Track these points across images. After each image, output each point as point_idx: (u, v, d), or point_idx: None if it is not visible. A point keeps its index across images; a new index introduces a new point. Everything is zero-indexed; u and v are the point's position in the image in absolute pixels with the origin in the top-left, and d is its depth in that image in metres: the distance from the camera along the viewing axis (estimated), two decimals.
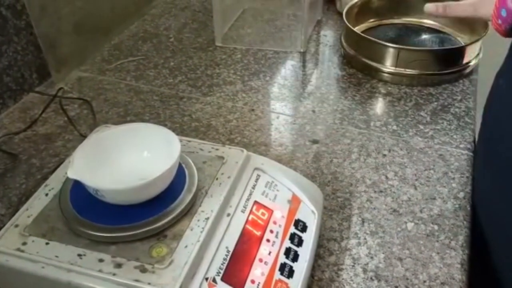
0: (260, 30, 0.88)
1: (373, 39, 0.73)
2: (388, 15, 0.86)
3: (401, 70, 0.72)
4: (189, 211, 0.41)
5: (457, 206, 0.54)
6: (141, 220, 0.39)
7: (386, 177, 0.58)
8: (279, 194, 0.47)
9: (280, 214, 0.45)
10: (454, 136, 0.64)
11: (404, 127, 0.65)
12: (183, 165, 0.44)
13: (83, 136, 0.63)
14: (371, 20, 0.86)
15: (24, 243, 0.39)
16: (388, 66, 0.72)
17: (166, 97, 0.72)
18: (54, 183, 0.45)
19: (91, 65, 0.78)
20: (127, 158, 0.43)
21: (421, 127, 0.65)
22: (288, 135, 0.64)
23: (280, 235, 0.44)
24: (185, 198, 0.41)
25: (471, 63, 0.74)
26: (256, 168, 0.48)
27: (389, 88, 0.73)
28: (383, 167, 0.59)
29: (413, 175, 0.58)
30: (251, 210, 0.44)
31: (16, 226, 0.41)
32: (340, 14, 0.87)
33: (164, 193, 0.41)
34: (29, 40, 0.69)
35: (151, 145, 0.44)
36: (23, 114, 0.68)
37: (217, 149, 0.48)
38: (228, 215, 0.42)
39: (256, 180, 0.47)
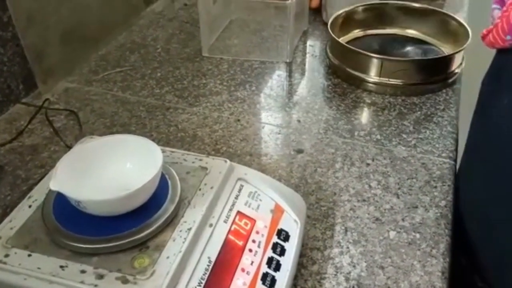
0: (247, 41, 0.89)
1: (357, 49, 0.74)
2: (373, 25, 0.87)
3: (385, 80, 0.73)
4: (171, 221, 0.42)
5: (438, 214, 0.55)
6: (124, 231, 0.39)
7: (370, 186, 0.59)
8: (262, 204, 0.47)
9: (262, 224, 0.46)
10: (437, 145, 0.65)
11: (388, 136, 0.66)
12: (166, 176, 0.45)
13: (69, 147, 0.63)
14: (356, 30, 0.87)
15: (7, 255, 0.39)
16: (372, 76, 0.74)
17: (152, 107, 0.72)
18: (37, 194, 0.45)
19: (78, 76, 0.79)
20: (110, 169, 0.44)
21: (404, 136, 0.66)
22: (273, 145, 0.65)
23: (262, 245, 0.44)
24: (167, 208, 0.42)
25: (454, 73, 0.76)
26: (239, 178, 0.48)
27: (374, 98, 0.74)
28: (367, 176, 0.60)
29: (396, 184, 0.59)
30: (233, 220, 0.44)
31: None
32: (326, 24, 0.87)
33: (147, 203, 0.42)
34: (16, 51, 0.69)
35: (134, 157, 0.44)
36: (9, 125, 0.68)
37: (200, 160, 0.49)
38: (211, 225, 0.43)
39: (239, 190, 0.47)
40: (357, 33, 0.87)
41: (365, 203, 0.56)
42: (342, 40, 0.82)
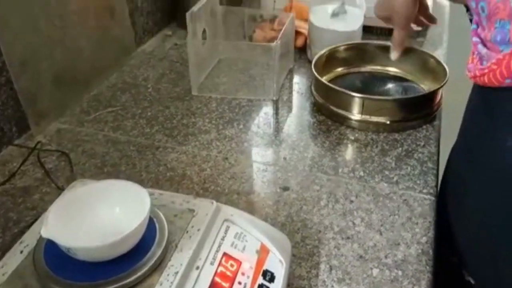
0: (235, 79, 0.92)
1: (339, 89, 0.77)
2: (355, 63, 0.91)
3: (367, 117, 0.76)
4: (159, 265, 0.43)
5: (420, 251, 0.56)
6: (112, 276, 0.41)
7: (353, 223, 0.60)
8: (248, 245, 0.49)
9: (248, 265, 0.47)
10: (418, 181, 0.67)
11: (371, 173, 0.69)
12: (154, 219, 0.46)
13: (60, 189, 0.64)
14: (339, 68, 0.90)
15: None
16: (355, 114, 0.76)
17: (142, 147, 0.74)
18: (29, 239, 0.46)
19: (70, 117, 0.81)
20: (99, 214, 0.45)
21: (387, 172, 0.69)
22: (260, 183, 0.67)
23: (248, 286, 0.45)
24: (155, 252, 0.43)
25: (434, 110, 0.78)
26: (225, 220, 0.50)
27: (357, 135, 0.76)
28: (350, 213, 0.62)
29: (378, 221, 0.61)
30: (220, 262, 0.46)
31: None
32: (311, 62, 0.91)
33: (135, 247, 0.43)
34: (9, 95, 0.71)
35: (123, 201, 0.46)
36: (1, 167, 0.69)
37: (188, 202, 0.50)
38: (197, 268, 0.44)
39: (226, 231, 0.49)
40: (340, 71, 0.90)
41: (349, 241, 0.58)
42: (326, 78, 0.85)
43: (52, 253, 0.43)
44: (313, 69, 0.81)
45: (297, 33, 0.98)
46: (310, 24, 0.93)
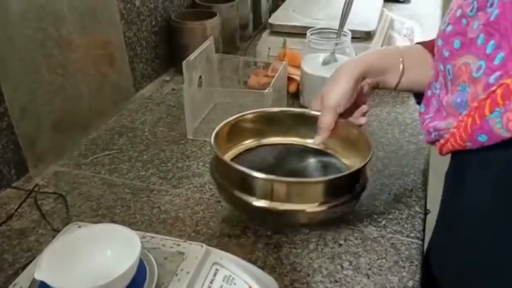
0: None
1: (240, 168, 0.61)
2: (268, 134, 0.76)
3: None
4: None
5: None
6: None
7: (342, 267, 0.62)
8: None
9: None
10: (405, 225, 0.68)
11: (359, 216, 0.70)
12: (145, 262, 0.48)
13: (56, 231, 0.66)
14: (248, 141, 0.75)
15: None
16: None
17: (137, 189, 0.76)
18: (23, 281, 0.47)
19: (68, 160, 0.83)
20: (92, 257, 0.47)
21: (375, 216, 0.70)
22: (251, 226, 0.68)
23: None
24: None
25: (358, 192, 0.64)
26: (214, 263, 0.51)
27: None
28: (339, 256, 0.63)
29: (366, 264, 0.62)
30: None
31: None
32: (304, 107, 0.94)
33: None
34: (10, 139, 0.74)
35: (114, 245, 0.47)
36: None
37: (178, 245, 0.52)
38: None
39: (215, 274, 0.50)
40: (249, 143, 0.75)
41: (337, 284, 0.59)
42: (233, 151, 0.73)
43: None
44: (212, 142, 0.66)
45: (290, 79, 1.02)
46: (302, 71, 0.97)
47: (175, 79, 1.14)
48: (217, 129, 0.69)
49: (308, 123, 0.72)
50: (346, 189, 0.62)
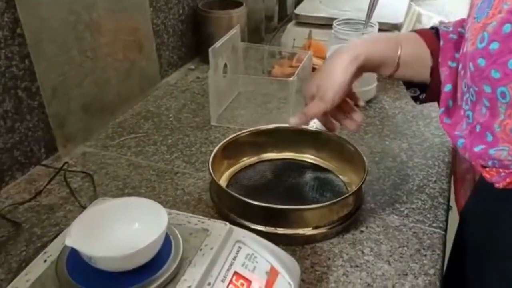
0: (253, 112, 0.96)
1: (236, 195, 0.64)
2: (267, 150, 0.79)
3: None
4: (173, 279, 0.45)
5: (427, 281, 0.57)
6: (129, 286, 0.43)
7: (362, 253, 0.62)
8: (258, 266, 0.51)
9: (258, 285, 0.49)
10: (428, 215, 0.68)
11: (382, 205, 0.70)
12: (171, 236, 0.49)
13: (83, 207, 0.68)
14: (246, 158, 0.78)
15: None
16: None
17: (162, 171, 0.77)
18: (52, 250, 0.49)
19: (95, 141, 0.85)
20: (120, 228, 0.48)
21: (398, 206, 0.70)
22: None
23: None
24: (170, 266, 0.46)
25: (354, 211, 0.66)
26: (237, 241, 0.52)
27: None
28: (360, 243, 0.63)
29: (387, 251, 0.62)
30: (230, 280, 0.48)
31: None
32: None
33: (152, 261, 0.45)
34: (40, 118, 0.76)
35: (142, 218, 0.48)
36: (29, 185, 0.73)
37: (202, 222, 0.53)
38: (209, 284, 0.46)
39: (237, 252, 0.51)
40: (248, 160, 0.78)
41: (357, 269, 0.59)
42: (234, 169, 0.76)
43: (73, 263, 0.46)
44: (210, 166, 0.67)
45: (314, 69, 1.02)
46: None
47: (200, 68, 1.15)
48: (216, 149, 0.71)
49: (307, 139, 0.76)
50: (341, 211, 0.64)
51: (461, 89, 0.55)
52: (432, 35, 0.62)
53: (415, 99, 0.67)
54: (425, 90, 0.65)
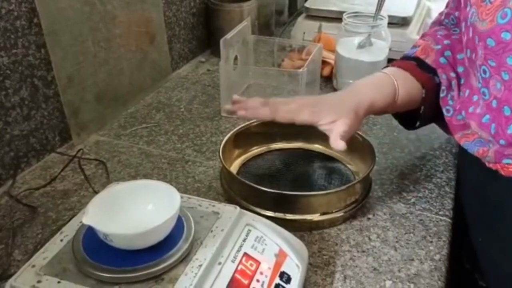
0: None
1: (246, 182, 0.65)
2: (276, 140, 0.80)
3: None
4: (185, 258, 0.47)
5: (433, 267, 0.58)
6: (143, 264, 0.45)
7: (369, 239, 0.63)
8: (267, 248, 0.52)
9: (266, 266, 0.50)
10: (434, 204, 0.69)
11: (389, 194, 0.71)
12: (183, 218, 0.51)
13: (97, 193, 0.69)
14: (256, 147, 0.80)
15: (39, 281, 0.45)
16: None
17: (173, 160, 0.79)
18: (68, 230, 0.51)
19: (108, 130, 0.87)
20: (134, 209, 0.50)
21: (405, 194, 0.71)
22: None
23: (265, 285, 0.49)
24: (182, 246, 0.47)
25: (362, 197, 0.68)
26: (247, 224, 0.54)
27: None
28: (367, 229, 0.64)
29: (394, 238, 0.63)
30: (240, 261, 0.49)
31: (33, 266, 0.46)
32: (337, 90, 0.95)
33: (165, 241, 0.47)
34: (56, 107, 0.78)
35: (155, 199, 0.50)
36: (44, 171, 0.75)
37: (213, 206, 0.55)
38: (219, 263, 0.48)
39: (247, 234, 0.53)
40: (258, 150, 0.79)
41: (364, 254, 0.60)
42: (243, 158, 0.77)
43: (89, 242, 0.48)
44: (220, 154, 0.69)
45: (324, 62, 1.03)
46: (337, 54, 0.98)
47: (211, 60, 1.16)
48: (226, 138, 0.73)
49: (316, 130, 0.71)
50: (348, 198, 0.65)
51: (474, 71, 0.58)
52: (415, 66, 0.66)
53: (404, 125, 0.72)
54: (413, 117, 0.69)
